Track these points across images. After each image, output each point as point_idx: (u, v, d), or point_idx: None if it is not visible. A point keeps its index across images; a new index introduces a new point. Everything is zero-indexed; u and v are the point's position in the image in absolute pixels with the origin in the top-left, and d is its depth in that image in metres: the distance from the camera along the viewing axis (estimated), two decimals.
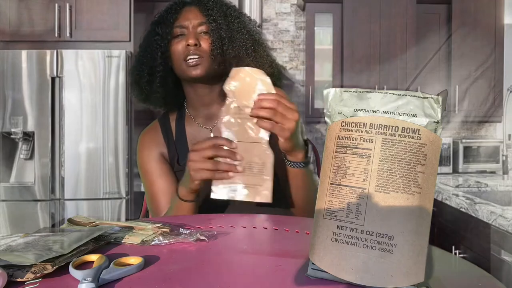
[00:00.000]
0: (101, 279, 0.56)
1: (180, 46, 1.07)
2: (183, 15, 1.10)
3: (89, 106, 2.53)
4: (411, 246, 0.53)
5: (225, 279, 0.59)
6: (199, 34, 1.08)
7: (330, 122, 0.61)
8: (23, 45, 2.58)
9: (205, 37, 1.08)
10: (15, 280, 0.56)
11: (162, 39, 1.09)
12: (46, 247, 0.62)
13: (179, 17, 1.10)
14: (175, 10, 1.11)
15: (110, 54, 2.53)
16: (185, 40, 1.06)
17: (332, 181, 0.57)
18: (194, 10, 1.10)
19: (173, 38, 1.08)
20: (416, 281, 0.53)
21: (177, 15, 1.10)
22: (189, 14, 1.10)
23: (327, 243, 0.56)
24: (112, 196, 2.55)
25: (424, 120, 0.55)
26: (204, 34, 1.08)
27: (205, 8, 1.10)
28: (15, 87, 2.51)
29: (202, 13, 1.09)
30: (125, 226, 0.79)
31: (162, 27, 1.10)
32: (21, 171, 2.59)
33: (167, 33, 1.08)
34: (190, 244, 0.72)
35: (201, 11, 1.10)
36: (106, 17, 2.64)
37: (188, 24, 1.08)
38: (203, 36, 1.08)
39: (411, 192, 0.54)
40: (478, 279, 0.63)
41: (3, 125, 2.51)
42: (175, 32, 1.08)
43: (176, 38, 1.08)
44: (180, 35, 1.08)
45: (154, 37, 1.10)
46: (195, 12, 1.10)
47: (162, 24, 1.10)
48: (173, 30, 1.08)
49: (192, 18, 1.09)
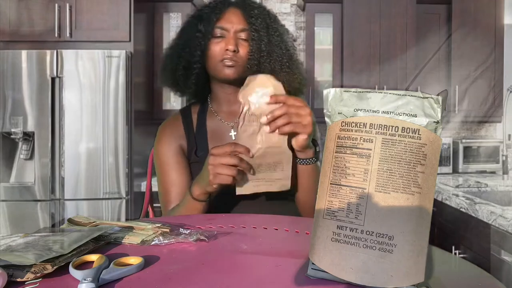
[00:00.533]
0: (101, 279, 0.56)
1: (218, 48, 1.08)
2: (226, 17, 1.10)
3: (89, 106, 2.53)
4: (411, 246, 0.53)
5: (225, 279, 0.59)
6: (239, 40, 1.09)
7: (330, 122, 0.61)
8: (23, 45, 2.58)
9: (244, 43, 1.10)
10: (15, 280, 0.56)
11: (203, 37, 1.09)
12: (46, 247, 0.62)
13: (222, 17, 1.10)
14: (219, 9, 1.11)
15: (110, 54, 2.53)
16: (225, 44, 1.08)
17: (332, 181, 0.57)
18: (238, 13, 1.11)
19: (213, 37, 1.09)
20: (416, 281, 0.53)
21: (220, 15, 1.10)
22: (232, 17, 1.10)
23: (327, 243, 0.56)
24: (112, 196, 2.55)
25: (424, 120, 0.55)
26: (243, 40, 1.10)
27: (249, 14, 1.11)
28: (15, 87, 2.51)
29: (245, 19, 1.10)
30: (125, 226, 0.79)
31: (204, 24, 1.10)
32: (21, 171, 2.59)
33: (209, 32, 1.09)
34: (190, 244, 0.73)
35: (244, 16, 1.10)
36: (106, 17, 2.64)
37: (230, 27, 1.09)
38: (242, 42, 1.10)
39: (411, 192, 0.54)
40: (478, 279, 0.63)
41: (3, 125, 2.51)
42: (216, 32, 1.09)
43: (216, 38, 1.09)
44: (220, 36, 1.09)
45: (195, 33, 1.11)
46: (239, 16, 1.10)
47: (205, 21, 1.10)
48: (214, 30, 1.09)
49: (235, 22, 1.09)
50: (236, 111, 1.15)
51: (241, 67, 1.09)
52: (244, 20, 1.10)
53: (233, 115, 1.17)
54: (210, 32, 1.09)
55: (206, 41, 1.09)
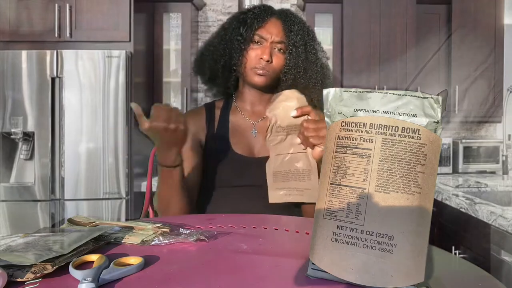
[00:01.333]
0: (101, 279, 0.56)
1: (253, 54, 1.15)
2: (267, 27, 1.16)
3: (89, 106, 2.53)
4: (411, 246, 0.53)
5: (225, 279, 0.59)
6: (274, 50, 1.16)
7: (330, 122, 0.61)
8: (23, 45, 2.58)
9: (279, 55, 1.16)
10: (15, 280, 0.56)
11: (244, 43, 1.16)
12: (46, 247, 0.62)
13: (262, 26, 1.16)
14: (261, 18, 1.16)
15: (110, 54, 2.53)
16: (260, 52, 1.14)
17: (332, 181, 0.57)
18: (278, 25, 1.17)
19: (251, 43, 1.16)
20: (416, 281, 0.53)
21: (262, 23, 1.16)
22: (272, 28, 1.16)
23: (327, 243, 0.56)
24: (112, 196, 2.55)
25: (424, 120, 0.55)
26: (278, 50, 1.16)
27: (289, 28, 1.16)
28: (15, 87, 2.51)
29: (285, 32, 1.16)
30: (125, 226, 0.79)
31: (247, 31, 1.16)
32: (21, 172, 2.58)
33: (249, 39, 1.16)
34: (190, 244, 0.73)
35: (284, 29, 1.16)
36: (106, 17, 2.63)
37: (268, 37, 1.15)
38: (277, 52, 1.16)
39: (411, 192, 0.54)
40: (478, 279, 0.63)
41: (3, 125, 2.51)
42: (254, 38, 1.15)
43: (254, 44, 1.16)
44: (258, 42, 1.16)
45: (237, 36, 1.17)
46: (278, 28, 1.16)
47: (247, 28, 1.16)
48: (254, 36, 1.15)
49: (274, 34, 1.15)
50: (260, 112, 1.23)
51: (270, 77, 1.16)
52: (283, 32, 1.16)
53: (256, 115, 1.23)
54: (250, 38, 1.15)
55: (246, 46, 1.15)
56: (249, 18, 1.17)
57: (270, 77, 1.16)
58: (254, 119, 1.23)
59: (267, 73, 1.15)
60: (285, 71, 1.16)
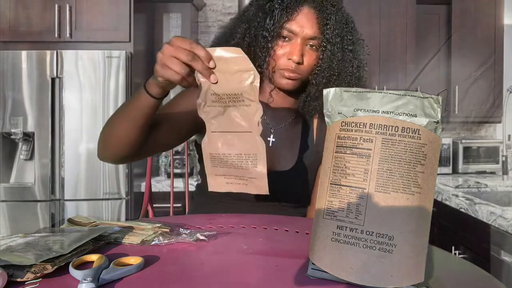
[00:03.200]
0: (101, 279, 0.56)
1: (282, 53, 0.97)
2: (298, 19, 0.96)
3: (89, 106, 2.53)
4: (411, 246, 0.53)
5: (225, 279, 0.59)
6: (306, 47, 0.98)
7: (330, 122, 0.61)
8: (23, 46, 2.58)
9: (311, 52, 0.99)
10: (15, 280, 0.56)
11: (270, 40, 0.98)
12: (46, 247, 0.62)
13: (292, 18, 0.96)
14: (292, 7, 0.97)
15: (110, 55, 2.53)
16: (290, 51, 0.97)
17: (332, 181, 0.57)
18: (312, 16, 0.97)
19: (279, 37, 0.98)
20: (416, 281, 0.53)
21: (292, 15, 0.96)
22: (304, 19, 0.97)
23: (327, 243, 0.56)
24: (112, 196, 2.54)
25: (424, 120, 0.55)
26: (311, 47, 0.98)
27: (325, 20, 0.97)
28: (15, 87, 2.51)
29: (319, 25, 0.97)
30: (125, 226, 0.79)
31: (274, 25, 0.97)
32: (21, 172, 2.58)
33: (277, 35, 0.97)
34: (190, 244, 0.73)
35: (319, 21, 0.97)
36: (106, 17, 2.63)
37: (299, 31, 0.96)
38: (310, 50, 0.98)
39: (411, 192, 0.54)
40: (478, 279, 0.63)
41: (3, 126, 2.51)
42: (283, 32, 0.97)
43: (281, 39, 0.98)
44: (287, 38, 0.98)
45: (262, 31, 0.98)
46: (312, 20, 0.97)
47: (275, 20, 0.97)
48: (282, 30, 0.97)
49: (306, 27, 0.96)
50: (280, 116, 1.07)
51: (300, 81, 1.00)
52: (317, 25, 0.97)
53: (277, 120, 1.08)
54: (277, 33, 0.97)
55: (272, 44, 0.98)
56: (276, 8, 0.97)
57: (299, 81, 1.00)
58: (274, 124, 1.07)
59: (296, 77, 0.98)
60: (315, 72, 0.99)
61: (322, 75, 0.99)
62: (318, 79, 0.99)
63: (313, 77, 1.00)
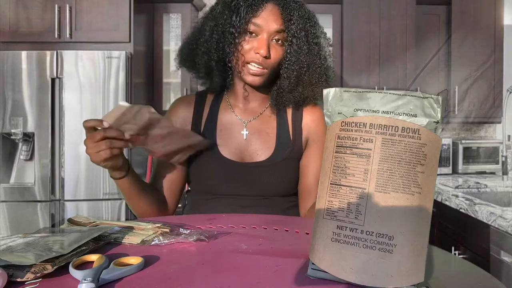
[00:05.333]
0: (101, 279, 0.56)
1: (248, 47, 1.01)
2: (263, 14, 1.00)
3: (89, 107, 2.53)
4: (411, 246, 0.53)
5: (225, 279, 0.59)
6: (272, 42, 1.01)
7: (330, 122, 0.61)
8: (23, 46, 2.58)
9: (277, 47, 1.02)
10: (15, 280, 0.56)
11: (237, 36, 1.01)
12: (46, 247, 0.62)
13: (258, 14, 1.00)
14: (256, 4, 1.00)
15: (110, 55, 2.53)
16: (257, 45, 1.00)
17: (332, 181, 0.57)
18: (276, 11, 1.01)
19: (245, 32, 1.01)
20: (416, 281, 0.53)
21: (257, 11, 1.00)
22: (269, 15, 1.00)
23: (327, 243, 0.56)
24: (112, 197, 2.55)
25: (424, 120, 0.55)
26: (276, 42, 1.02)
27: (289, 15, 1.01)
28: (15, 88, 2.51)
29: (283, 19, 1.01)
30: (125, 226, 0.79)
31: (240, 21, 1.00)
32: (21, 172, 2.58)
33: (243, 31, 1.00)
34: (190, 244, 0.73)
35: (282, 16, 1.01)
36: (106, 18, 2.64)
37: (264, 25, 1.00)
38: (275, 45, 1.02)
39: (411, 192, 0.54)
40: (478, 279, 0.63)
41: (3, 126, 2.51)
42: (249, 28, 1.00)
43: (248, 34, 1.01)
44: (253, 33, 1.00)
45: (229, 28, 1.01)
46: (276, 15, 1.01)
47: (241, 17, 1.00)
48: (248, 25, 1.00)
49: (271, 21, 1.00)
50: (252, 110, 1.11)
51: (267, 76, 1.03)
52: (282, 20, 1.01)
53: (249, 113, 1.11)
54: (244, 31, 1.00)
55: (239, 40, 1.01)
56: (241, 6, 1.00)
57: (266, 75, 1.03)
58: (246, 118, 1.11)
59: (263, 72, 1.01)
60: (285, 66, 1.02)
61: (292, 68, 1.02)
62: (289, 72, 1.03)
63: (283, 71, 1.03)
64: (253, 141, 1.09)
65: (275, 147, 1.08)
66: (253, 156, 1.08)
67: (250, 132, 1.09)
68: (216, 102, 1.13)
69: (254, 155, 1.07)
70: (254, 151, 1.08)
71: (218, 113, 1.12)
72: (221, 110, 1.12)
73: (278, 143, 1.09)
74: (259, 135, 1.10)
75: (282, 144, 1.09)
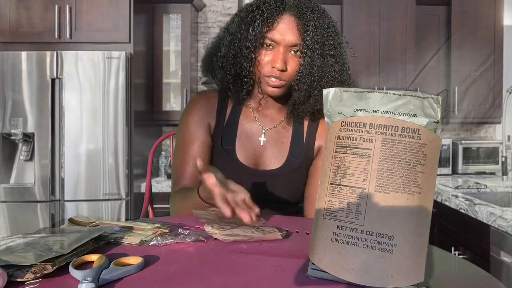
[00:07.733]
0: (101, 279, 0.56)
1: (266, 61, 1.01)
2: (279, 27, 1.00)
3: (89, 107, 2.53)
4: (411, 246, 0.53)
5: (225, 279, 0.59)
6: (289, 54, 1.01)
7: (330, 122, 0.61)
8: (23, 46, 2.58)
9: (295, 58, 1.02)
10: (15, 280, 0.56)
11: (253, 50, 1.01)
12: (46, 247, 0.62)
13: (273, 28, 1.00)
14: (272, 17, 1.00)
15: (110, 56, 2.53)
16: (273, 59, 1.00)
17: (332, 181, 0.57)
18: (292, 23, 1.00)
19: (263, 45, 1.02)
20: (416, 281, 0.53)
21: (273, 25, 1.00)
22: (285, 28, 1.00)
23: (327, 243, 0.56)
24: (112, 197, 2.54)
25: (424, 120, 0.55)
26: (294, 53, 1.01)
27: (305, 26, 1.00)
28: (15, 88, 2.51)
29: (300, 31, 1.00)
30: (125, 226, 0.79)
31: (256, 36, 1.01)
32: (21, 172, 2.58)
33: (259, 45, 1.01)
34: (189, 245, 0.73)
35: (299, 27, 1.00)
36: (106, 18, 2.64)
37: (281, 40, 1.00)
38: (293, 56, 1.02)
39: (411, 192, 0.54)
40: (478, 279, 0.63)
41: (3, 126, 2.51)
42: (265, 41, 1.01)
43: (264, 48, 1.02)
44: (270, 46, 1.01)
45: (246, 42, 1.02)
46: (292, 27, 1.00)
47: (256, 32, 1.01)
48: (265, 40, 1.01)
49: (287, 34, 1.00)
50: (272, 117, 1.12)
51: (286, 86, 1.04)
52: (298, 32, 1.00)
53: (268, 120, 1.12)
54: (260, 45, 1.01)
55: (256, 54, 1.02)
56: (257, 19, 1.01)
57: (286, 87, 1.03)
58: (265, 124, 1.12)
59: (282, 83, 1.01)
60: (297, 79, 1.02)
61: (303, 81, 1.02)
62: (300, 85, 1.02)
63: (295, 83, 1.03)
64: (269, 148, 1.11)
65: (287, 157, 1.10)
66: (267, 163, 1.10)
67: (267, 139, 1.11)
68: (239, 103, 1.13)
69: (268, 163, 1.09)
70: (268, 159, 1.10)
71: (240, 114, 1.13)
72: (242, 113, 1.13)
73: (290, 153, 1.10)
74: (274, 143, 1.11)
75: (294, 155, 1.10)
